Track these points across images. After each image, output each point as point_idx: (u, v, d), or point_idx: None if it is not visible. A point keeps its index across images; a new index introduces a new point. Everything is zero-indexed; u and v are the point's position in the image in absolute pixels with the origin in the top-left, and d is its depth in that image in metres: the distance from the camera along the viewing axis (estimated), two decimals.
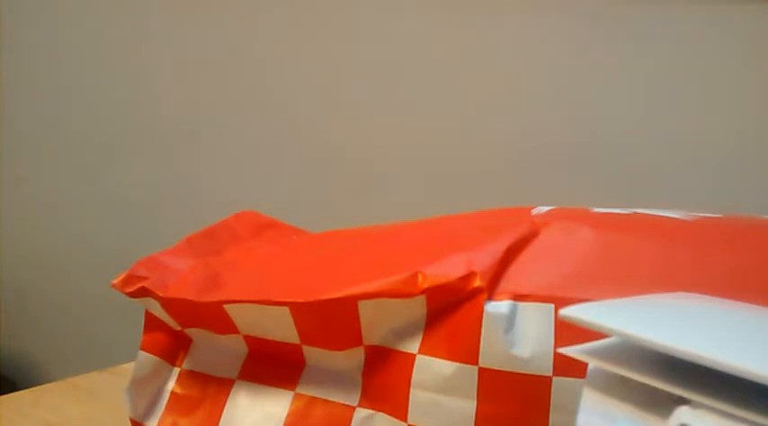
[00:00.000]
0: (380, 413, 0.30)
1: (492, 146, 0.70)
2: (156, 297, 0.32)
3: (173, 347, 0.34)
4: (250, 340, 0.32)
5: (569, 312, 0.19)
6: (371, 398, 0.30)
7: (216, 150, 0.89)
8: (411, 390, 0.29)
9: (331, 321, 0.30)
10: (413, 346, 0.29)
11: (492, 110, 0.69)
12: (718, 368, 0.16)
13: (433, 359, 0.28)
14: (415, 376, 0.29)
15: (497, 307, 0.28)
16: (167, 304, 0.32)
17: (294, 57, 0.81)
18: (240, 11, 0.85)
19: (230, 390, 0.32)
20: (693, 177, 0.60)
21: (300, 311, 0.30)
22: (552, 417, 0.27)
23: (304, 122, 0.82)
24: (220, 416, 0.32)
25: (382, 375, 0.30)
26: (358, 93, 0.77)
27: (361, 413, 0.30)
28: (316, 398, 0.31)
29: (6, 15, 1.08)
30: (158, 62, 0.93)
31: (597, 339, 0.27)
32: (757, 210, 0.58)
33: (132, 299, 0.38)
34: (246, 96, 0.86)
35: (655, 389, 0.18)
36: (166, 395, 0.33)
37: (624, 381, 0.19)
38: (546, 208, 0.33)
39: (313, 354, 0.31)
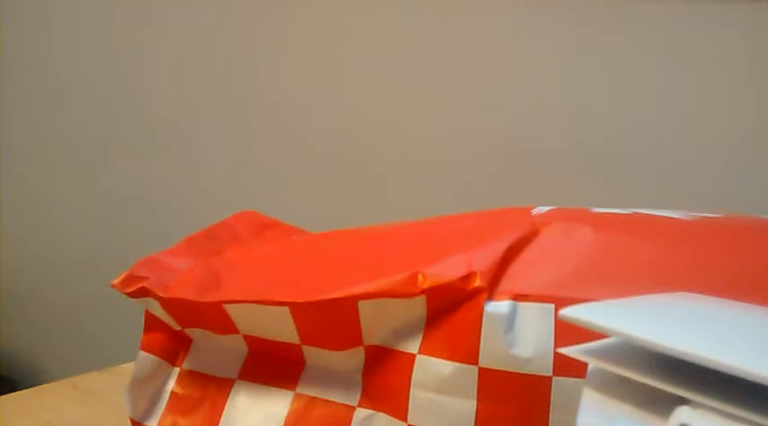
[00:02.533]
0: (380, 413, 0.30)
1: (492, 146, 0.70)
2: (156, 297, 0.32)
3: (173, 347, 0.34)
4: (250, 340, 0.32)
5: (569, 312, 0.19)
6: (371, 398, 0.30)
7: (216, 150, 0.89)
8: (411, 390, 0.29)
9: (331, 321, 0.30)
10: (413, 346, 0.29)
11: (492, 110, 0.69)
12: (718, 368, 0.16)
13: (433, 359, 0.28)
14: (415, 376, 0.29)
15: (497, 307, 0.28)
16: (167, 304, 0.32)
17: (293, 57, 0.81)
18: (239, 11, 0.85)
19: (230, 390, 0.32)
20: (694, 177, 0.60)
21: (300, 311, 0.30)
22: (552, 417, 0.27)
23: (304, 122, 0.82)
24: (220, 416, 0.32)
25: (382, 375, 0.30)
26: (359, 92, 0.77)
27: (361, 413, 0.30)
28: (316, 398, 0.31)
29: (6, 15, 1.08)
30: (158, 62, 0.93)
31: (597, 339, 0.27)
32: (757, 210, 0.58)
33: (132, 299, 0.38)
34: (247, 96, 0.86)
35: (655, 389, 0.18)
36: (166, 395, 0.33)
37: (624, 381, 0.19)
38: (546, 208, 0.33)
39: (313, 354, 0.31)
